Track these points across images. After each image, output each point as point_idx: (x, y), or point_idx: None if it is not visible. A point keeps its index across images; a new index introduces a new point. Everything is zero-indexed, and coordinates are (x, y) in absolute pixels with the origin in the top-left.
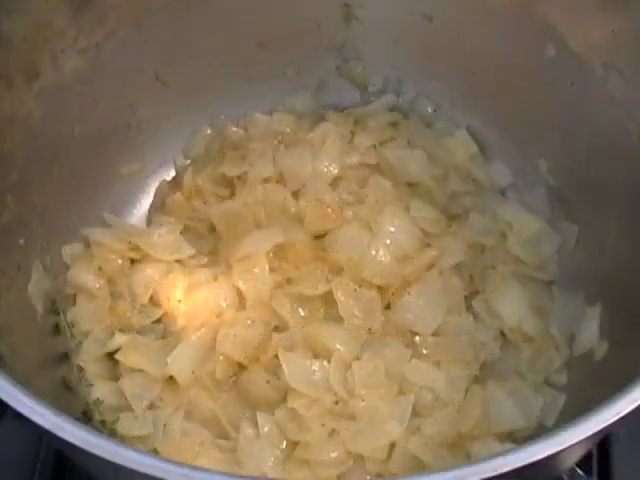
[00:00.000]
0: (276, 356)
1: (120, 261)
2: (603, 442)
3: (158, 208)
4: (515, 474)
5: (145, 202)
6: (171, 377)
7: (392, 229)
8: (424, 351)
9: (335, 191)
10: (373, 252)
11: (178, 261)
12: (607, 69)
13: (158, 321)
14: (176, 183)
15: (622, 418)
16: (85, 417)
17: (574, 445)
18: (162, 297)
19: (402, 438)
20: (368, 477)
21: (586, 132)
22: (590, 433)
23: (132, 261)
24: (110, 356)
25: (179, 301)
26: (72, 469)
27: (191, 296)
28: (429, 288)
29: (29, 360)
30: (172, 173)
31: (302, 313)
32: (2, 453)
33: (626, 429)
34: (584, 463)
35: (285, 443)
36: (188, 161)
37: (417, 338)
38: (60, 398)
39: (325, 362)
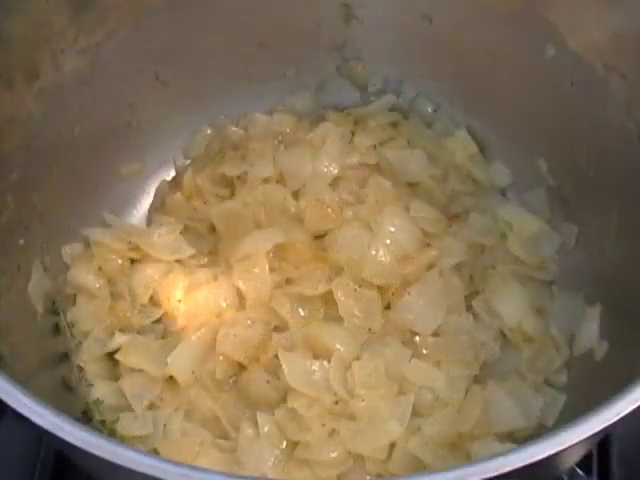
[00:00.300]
0: (276, 356)
1: (120, 261)
2: (603, 442)
3: (158, 208)
4: (516, 474)
5: (145, 202)
6: (171, 377)
7: (392, 229)
8: (424, 351)
9: (335, 191)
10: (373, 252)
11: (178, 261)
12: (607, 69)
13: (158, 321)
14: (176, 183)
15: (622, 418)
16: (85, 417)
17: (574, 445)
18: (162, 297)
19: (402, 438)
20: (368, 477)
21: (586, 132)
22: (590, 433)
23: (132, 261)
24: (110, 356)
25: (179, 301)
26: (72, 469)
27: (191, 296)
28: (429, 288)
29: (29, 360)
30: (172, 173)
31: (302, 313)
32: (2, 453)
33: (626, 429)
34: (584, 463)
35: (285, 443)
36: (188, 161)
37: (417, 338)
38: (60, 398)
39: (325, 362)
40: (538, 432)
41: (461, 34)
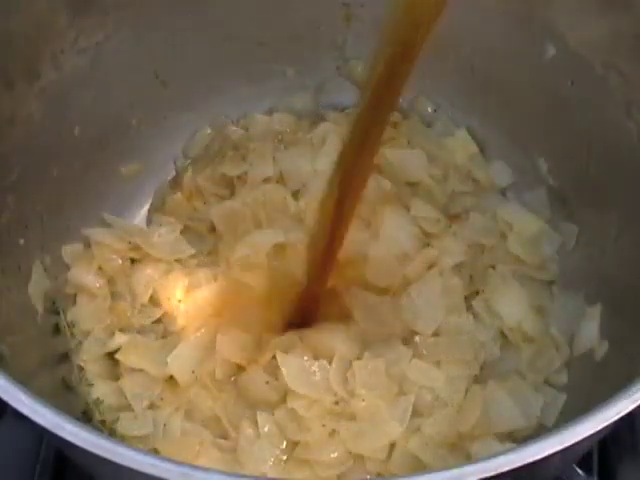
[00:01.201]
0: (275, 357)
1: (120, 261)
2: (603, 442)
3: (158, 208)
4: (515, 474)
5: (145, 202)
6: (171, 377)
7: (392, 229)
8: (424, 351)
9: None
10: (373, 252)
11: (178, 261)
12: (607, 68)
13: (158, 321)
14: (176, 183)
15: (622, 418)
16: (85, 417)
17: (574, 445)
18: (162, 297)
19: (402, 438)
20: (368, 477)
21: (586, 132)
22: (590, 433)
23: (132, 261)
24: (110, 356)
25: (179, 301)
26: (72, 469)
27: (191, 296)
28: (429, 288)
29: (29, 360)
30: (172, 173)
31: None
32: (2, 453)
33: (626, 429)
34: (584, 463)
35: (285, 443)
36: (188, 161)
37: (417, 338)
38: (60, 398)
39: (325, 362)
40: (538, 432)
41: (461, 34)
